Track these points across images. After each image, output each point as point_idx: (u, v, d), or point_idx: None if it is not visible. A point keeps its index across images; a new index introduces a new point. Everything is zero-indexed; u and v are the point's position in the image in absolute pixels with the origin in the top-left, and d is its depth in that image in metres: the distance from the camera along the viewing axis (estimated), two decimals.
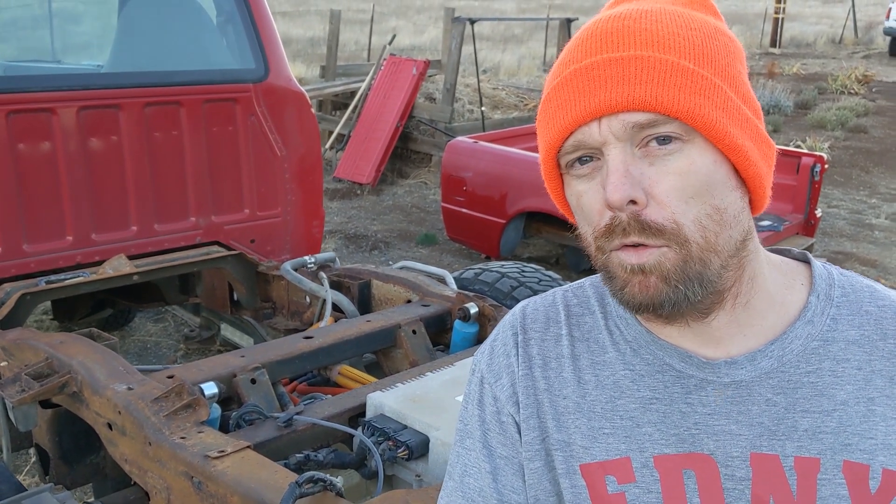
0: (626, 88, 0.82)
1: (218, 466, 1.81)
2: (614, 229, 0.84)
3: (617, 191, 0.82)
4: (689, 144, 0.83)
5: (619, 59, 0.83)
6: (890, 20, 20.00)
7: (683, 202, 0.82)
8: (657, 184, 0.83)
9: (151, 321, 5.18)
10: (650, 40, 0.83)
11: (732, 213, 0.86)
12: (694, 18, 0.86)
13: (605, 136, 0.83)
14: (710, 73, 0.83)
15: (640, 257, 0.84)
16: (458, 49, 8.71)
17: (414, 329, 2.69)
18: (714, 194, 0.84)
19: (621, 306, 0.91)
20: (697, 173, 0.83)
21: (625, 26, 0.84)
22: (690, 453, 0.91)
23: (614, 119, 0.83)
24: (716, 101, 0.83)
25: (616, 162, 0.83)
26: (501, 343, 1.04)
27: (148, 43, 3.78)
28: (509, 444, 0.99)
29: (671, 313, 0.87)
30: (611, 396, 0.95)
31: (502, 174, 5.77)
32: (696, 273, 0.84)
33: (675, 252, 0.83)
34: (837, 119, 12.09)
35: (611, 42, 0.84)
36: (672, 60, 0.82)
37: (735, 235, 0.86)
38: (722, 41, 0.86)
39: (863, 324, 0.91)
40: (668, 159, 0.83)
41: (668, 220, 0.82)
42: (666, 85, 0.81)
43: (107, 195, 3.36)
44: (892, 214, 8.17)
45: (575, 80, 0.85)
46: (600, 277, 0.93)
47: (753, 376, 0.90)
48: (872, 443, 0.87)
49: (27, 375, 2.25)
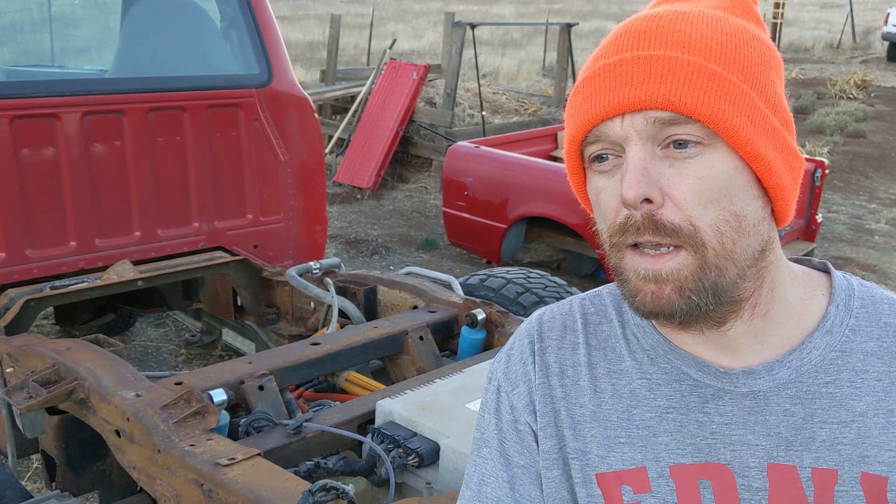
0: (650, 87, 0.81)
1: (228, 474, 1.80)
2: (628, 227, 0.84)
3: (633, 188, 0.81)
4: (711, 149, 0.82)
5: (647, 57, 0.83)
6: (888, 25, 20.03)
7: (701, 206, 0.82)
8: (675, 185, 0.82)
9: (152, 326, 5.17)
10: (681, 41, 0.83)
11: (752, 222, 0.84)
12: (731, 23, 0.86)
13: (627, 131, 0.83)
14: (739, 79, 0.83)
15: (656, 264, 0.83)
16: (459, 53, 8.72)
17: (421, 335, 2.69)
18: (734, 201, 0.83)
19: (633, 311, 0.90)
20: (717, 178, 0.82)
21: (658, 26, 0.84)
22: (707, 463, 0.90)
23: (637, 116, 0.82)
24: (741, 107, 0.82)
25: (635, 159, 0.83)
26: (518, 351, 1.03)
27: (152, 48, 3.78)
28: (526, 453, 0.99)
29: (683, 322, 0.87)
30: (627, 406, 0.95)
31: (503, 179, 5.78)
32: (711, 282, 0.83)
33: (693, 257, 0.82)
34: (836, 124, 12.11)
35: (642, 41, 0.84)
36: (699, 63, 0.82)
37: (753, 244, 0.85)
38: (758, 49, 0.86)
39: (882, 335, 0.91)
40: (689, 162, 0.82)
41: (684, 222, 0.82)
42: (691, 86, 0.81)
43: (110, 200, 3.35)
44: (892, 219, 8.18)
45: (602, 75, 0.85)
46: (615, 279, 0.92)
47: (771, 386, 0.89)
48: (891, 455, 0.87)
49: (34, 382, 2.24)
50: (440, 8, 25.66)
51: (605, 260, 0.90)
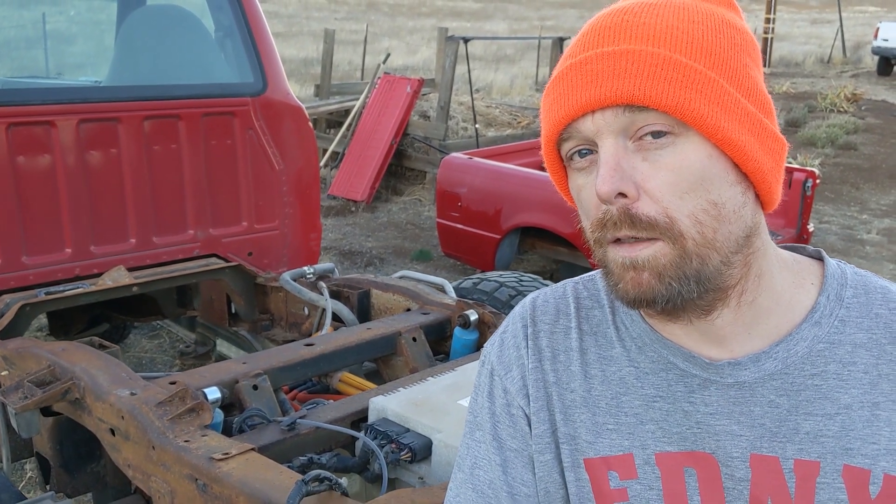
0: (614, 83, 0.81)
1: (223, 468, 1.81)
2: (606, 223, 0.84)
3: (605, 183, 0.81)
4: (682, 139, 0.82)
5: (610, 53, 0.83)
6: (878, 39, 20.20)
7: (678, 197, 0.82)
8: (650, 178, 0.82)
9: (146, 337, 5.17)
10: (645, 34, 0.83)
11: (732, 209, 0.84)
12: (699, 10, 0.85)
13: (599, 126, 0.83)
14: (707, 67, 0.82)
15: (632, 251, 0.83)
16: (452, 67, 8.78)
17: (414, 336, 2.70)
18: (710, 189, 0.82)
19: (617, 301, 0.90)
20: (690, 168, 0.82)
21: (623, 20, 0.84)
22: (692, 452, 0.91)
23: (606, 111, 0.83)
24: (709, 94, 0.81)
25: (607, 155, 0.83)
26: (511, 335, 1.03)
27: (147, 57, 3.80)
28: (519, 437, 0.99)
29: (667, 309, 0.87)
30: (616, 393, 0.95)
31: (497, 190, 5.80)
32: (692, 270, 0.83)
33: (670, 247, 0.82)
34: (827, 136, 12.19)
35: (607, 36, 0.84)
36: (663, 54, 0.81)
37: (736, 231, 0.84)
38: (728, 34, 0.85)
39: (872, 327, 0.89)
40: (661, 153, 0.82)
41: (660, 214, 0.82)
42: (654, 79, 0.80)
43: (106, 208, 3.36)
44: (883, 230, 8.23)
45: (570, 74, 0.85)
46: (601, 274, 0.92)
47: (757, 377, 0.89)
48: (875, 448, 0.86)
49: (30, 382, 2.25)
50: (433, 25, 25.78)
51: (592, 256, 0.90)
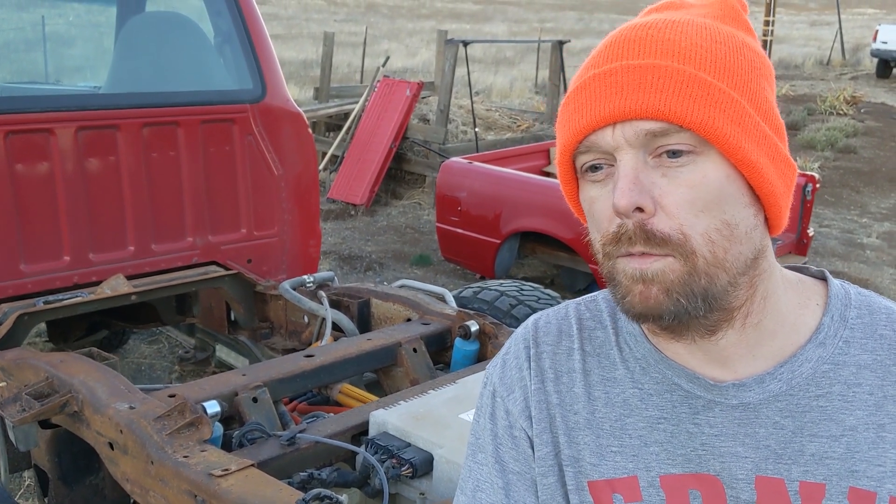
0: (640, 96, 0.81)
1: (222, 485, 1.80)
2: (621, 237, 0.83)
3: (624, 196, 0.81)
4: (702, 157, 0.82)
5: (636, 66, 0.83)
6: (877, 42, 20.20)
7: (693, 215, 0.81)
8: (667, 195, 0.82)
9: (146, 343, 5.15)
10: (671, 50, 0.83)
11: (744, 230, 0.84)
12: (721, 31, 0.86)
13: (618, 141, 0.83)
14: (729, 87, 0.82)
15: (642, 264, 0.83)
16: (452, 71, 8.76)
17: (415, 347, 2.69)
18: (725, 209, 0.82)
19: (623, 314, 0.89)
20: (709, 186, 0.82)
21: (648, 35, 0.84)
22: (697, 474, 0.90)
23: (627, 126, 0.82)
24: (731, 114, 0.82)
25: (626, 168, 0.82)
26: (514, 356, 1.03)
27: (146, 64, 3.79)
28: (522, 459, 0.99)
29: (673, 326, 0.86)
30: (620, 414, 0.95)
31: (497, 194, 5.79)
32: (700, 288, 0.83)
33: (681, 264, 0.82)
34: (827, 139, 12.19)
35: (632, 49, 0.84)
36: (689, 71, 0.82)
37: (746, 252, 0.85)
38: (748, 56, 0.85)
39: (876, 348, 0.89)
40: (681, 171, 0.82)
41: (674, 231, 0.81)
42: (680, 95, 0.81)
43: (104, 215, 3.35)
44: (883, 234, 8.22)
45: (593, 84, 0.85)
46: (607, 287, 0.91)
47: (761, 399, 0.89)
48: (881, 470, 0.86)
49: (27, 395, 2.24)
50: (433, 27, 25.79)
51: (599, 269, 0.90)
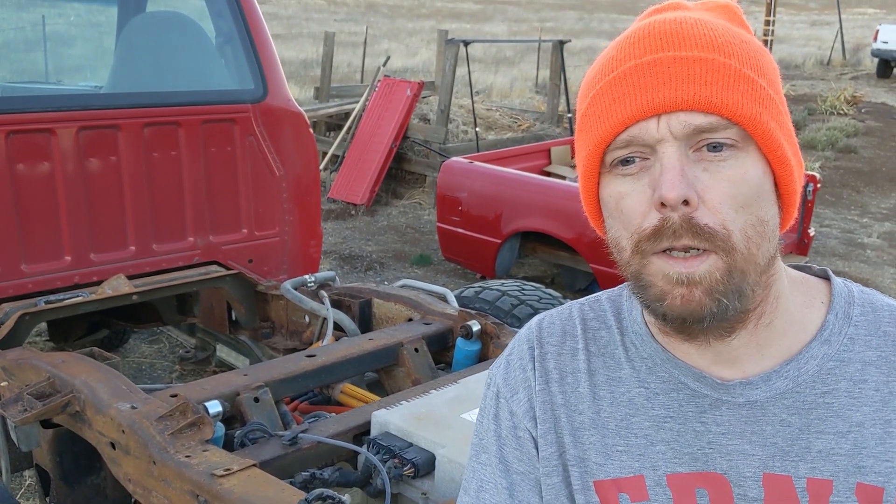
0: (692, 88, 0.80)
1: (224, 485, 1.80)
2: (664, 231, 0.81)
3: (674, 188, 0.79)
4: (743, 153, 0.82)
5: (684, 58, 0.82)
6: (877, 42, 20.19)
7: (734, 210, 0.81)
8: (710, 189, 0.81)
9: (146, 342, 5.15)
10: (712, 44, 0.82)
11: (772, 227, 0.85)
12: (740, 33, 0.86)
13: (664, 133, 0.81)
14: (766, 84, 0.83)
15: (688, 266, 0.81)
16: (452, 70, 8.76)
17: (416, 347, 2.69)
18: (761, 205, 0.83)
19: (655, 317, 0.88)
20: (749, 182, 0.82)
21: (683, 29, 0.84)
22: (703, 472, 0.90)
23: (674, 117, 0.81)
24: (772, 111, 0.83)
25: (672, 160, 0.81)
26: (518, 357, 1.03)
27: (147, 64, 3.79)
28: (526, 460, 0.99)
29: (703, 329, 0.85)
30: (625, 414, 0.95)
31: (498, 194, 5.79)
32: (736, 286, 0.82)
33: (723, 261, 0.81)
34: (828, 139, 12.19)
35: (673, 41, 0.83)
36: (735, 66, 0.82)
37: (771, 250, 0.85)
38: (769, 57, 0.87)
39: (881, 345, 0.90)
40: (722, 165, 0.81)
41: (719, 225, 0.80)
42: (731, 89, 0.80)
43: (105, 215, 3.35)
44: (884, 234, 8.22)
45: (635, 74, 0.83)
46: (629, 287, 0.90)
47: (768, 396, 0.89)
48: (888, 465, 0.86)
49: (29, 395, 2.24)
50: (433, 26, 25.79)
51: (622, 268, 0.87)
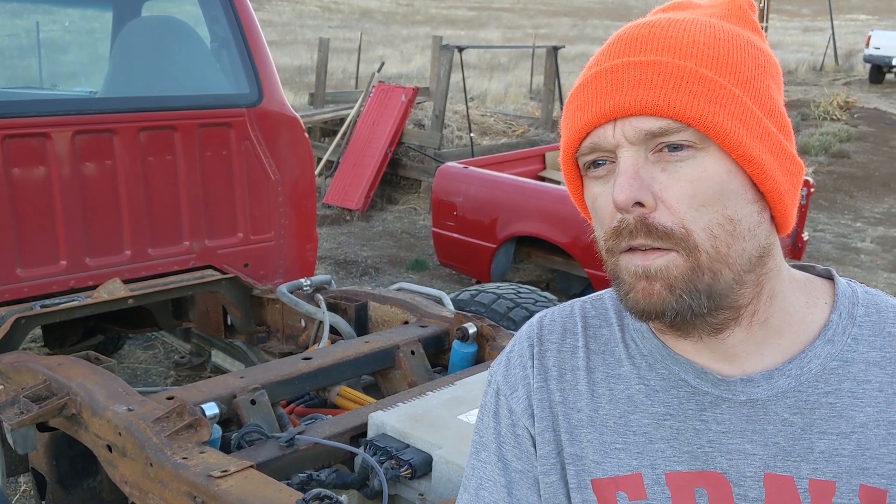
0: (640, 92, 0.82)
1: (221, 486, 1.80)
2: (621, 231, 0.84)
3: (623, 191, 0.81)
4: (703, 152, 0.82)
5: (637, 63, 0.83)
6: (870, 48, 20.32)
7: (694, 209, 0.82)
8: (667, 189, 0.82)
9: (141, 348, 5.14)
10: (672, 47, 0.83)
11: (747, 226, 0.84)
12: (725, 29, 0.86)
13: (619, 138, 0.83)
14: (731, 83, 0.83)
15: (645, 260, 0.83)
16: (447, 76, 8.78)
17: (412, 350, 2.69)
18: (727, 204, 0.82)
19: (626, 312, 0.89)
20: (709, 181, 0.82)
21: (651, 33, 0.85)
22: (703, 471, 0.90)
23: (627, 123, 0.83)
24: (733, 110, 0.82)
25: (626, 164, 0.83)
26: (518, 354, 1.03)
27: (142, 68, 3.79)
28: (524, 458, 0.99)
29: (677, 323, 0.86)
30: (624, 411, 0.94)
31: (493, 199, 5.80)
32: (704, 285, 0.82)
33: (684, 259, 0.82)
34: (821, 145, 12.23)
35: (633, 47, 0.85)
36: (690, 67, 0.82)
37: (749, 249, 0.85)
38: (752, 54, 0.86)
39: (885, 345, 0.89)
40: (680, 166, 0.82)
41: (676, 225, 0.82)
42: (680, 91, 0.81)
43: (101, 219, 3.35)
44: (877, 238, 8.25)
45: (595, 81, 0.86)
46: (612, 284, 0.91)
47: (770, 395, 0.88)
48: (892, 467, 0.85)
49: (25, 398, 2.23)
50: (428, 33, 25.84)
51: (604, 267, 0.90)
